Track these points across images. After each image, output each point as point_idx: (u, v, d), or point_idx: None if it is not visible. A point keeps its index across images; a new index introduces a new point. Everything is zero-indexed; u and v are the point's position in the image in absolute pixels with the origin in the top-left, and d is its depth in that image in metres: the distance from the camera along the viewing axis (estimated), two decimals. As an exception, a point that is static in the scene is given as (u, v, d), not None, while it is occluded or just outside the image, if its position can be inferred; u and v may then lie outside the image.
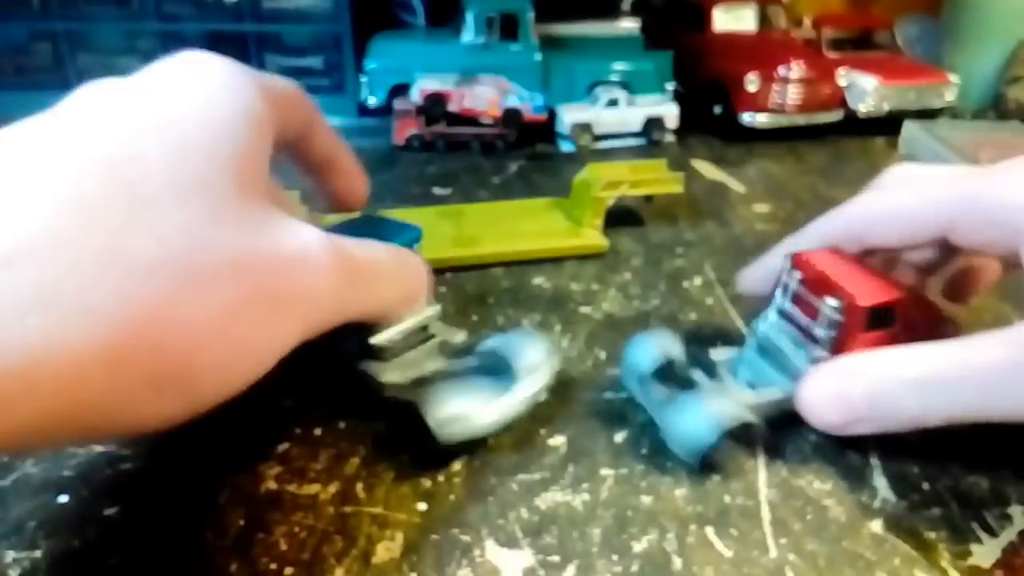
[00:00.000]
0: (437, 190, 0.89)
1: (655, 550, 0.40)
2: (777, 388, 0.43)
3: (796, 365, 0.43)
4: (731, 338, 0.59)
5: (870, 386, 0.38)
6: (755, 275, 0.54)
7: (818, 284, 0.42)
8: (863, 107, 1.09)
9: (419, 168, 0.95)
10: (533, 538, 0.41)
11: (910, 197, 0.42)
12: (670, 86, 1.06)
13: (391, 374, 0.47)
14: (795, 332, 0.44)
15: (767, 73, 1.05)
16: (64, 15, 1.07)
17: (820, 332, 0.41)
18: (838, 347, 0.41)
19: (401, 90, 1.01)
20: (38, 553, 0.37)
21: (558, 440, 0.47)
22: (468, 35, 1.02)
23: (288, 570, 0.38)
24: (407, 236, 0.52)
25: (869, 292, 0.40)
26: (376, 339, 0.46)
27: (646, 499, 0.43)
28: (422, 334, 0.50)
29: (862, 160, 1.03)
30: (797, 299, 0.43)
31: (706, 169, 0.98)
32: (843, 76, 1.09)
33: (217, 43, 1.10)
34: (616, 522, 0.42)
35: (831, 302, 0.40)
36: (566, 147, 1.02)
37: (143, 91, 0.34)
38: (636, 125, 1.04)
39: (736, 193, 0.91)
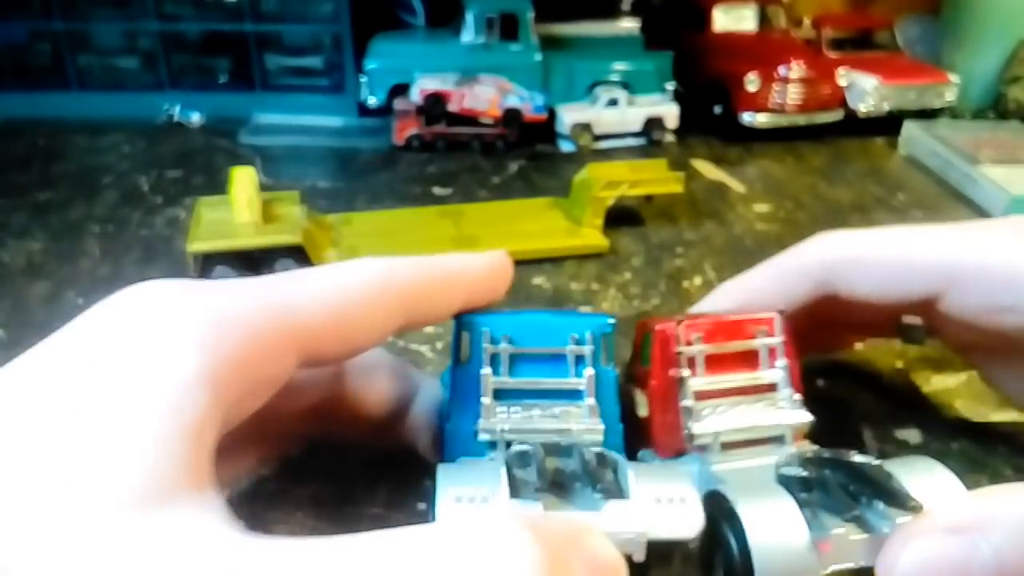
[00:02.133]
0: (437, 190, 0.89)
1: (655, 550, 0.40)
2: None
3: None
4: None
5: (1007, 543, 0.24)
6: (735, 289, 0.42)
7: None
8: (863, 107, 1.09)
9: (419, 168, 0.96)
10: (533, 538, 0.41)
11: (904, 240, 0.35)
12: (670, 86, 1.06)
13: None
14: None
15: (767, 73, 1.05)
16: (64, 15, 1.06)
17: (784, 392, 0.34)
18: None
19: (401, 90, 1.01)
20: None
21: (558, 440, 0.47)
22: (468, 35, 1.02)
23: (288, 570, 0.38)
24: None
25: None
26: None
27: (646, 499, 0.43)
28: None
29: (862, 160, 1.03)
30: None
31: (706, 169, 0.98)
32: (843, 76, 1.09)
33: (217, 43, 1.10)
34: (616, 522, 0.42)
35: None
36: (566, 147, 1.02)
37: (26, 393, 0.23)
38: (636, 125, 1.04)
39: (736, 193, 0.91)
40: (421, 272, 0.30)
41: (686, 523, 0.27)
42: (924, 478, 0.28)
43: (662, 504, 0.27)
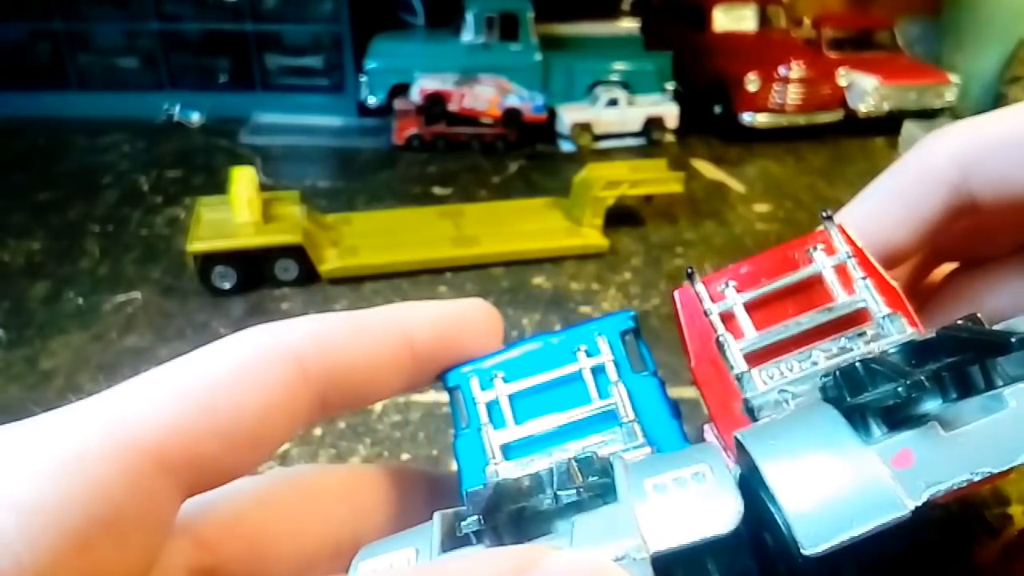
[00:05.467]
0: (437, 190, 0.89)
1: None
2: None
3: None
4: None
5: None
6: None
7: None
8: (863, 107, 1.09)
9: (419, 168, 0.96)
10: (533, 538, 0.41)
11: None
12: (670, 86, 1.06)
13: None
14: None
15: (767, 73, 1.05)
16: (64, 15, 1.06)
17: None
18: None
19: (401, 90, 1.01)
20: None
21: (558, 440, 0.47)
22: (468, 35, 1.02)
23: (288, 570, 0.38)
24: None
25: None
26: None
27: (646, 499, 0.43)
28: None
29: (862, 160, 1.03)
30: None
31: (706, 169, 0.98)
32: (843, 76, 1.09)
33: (217, 43, 1.10)
34: (616, 522, 0.42)
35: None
36: (566, 147, 1.02)
37: None
38: (636, 125, 1.04)
39: (736, 193, 0.91)
40: (328, 339, 0.22)
41: (710, 511, 0.17)
42: None
43: (668, 493, 0.18)
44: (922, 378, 0.17)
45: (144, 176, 0.90)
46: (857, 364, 0.19)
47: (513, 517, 0.19)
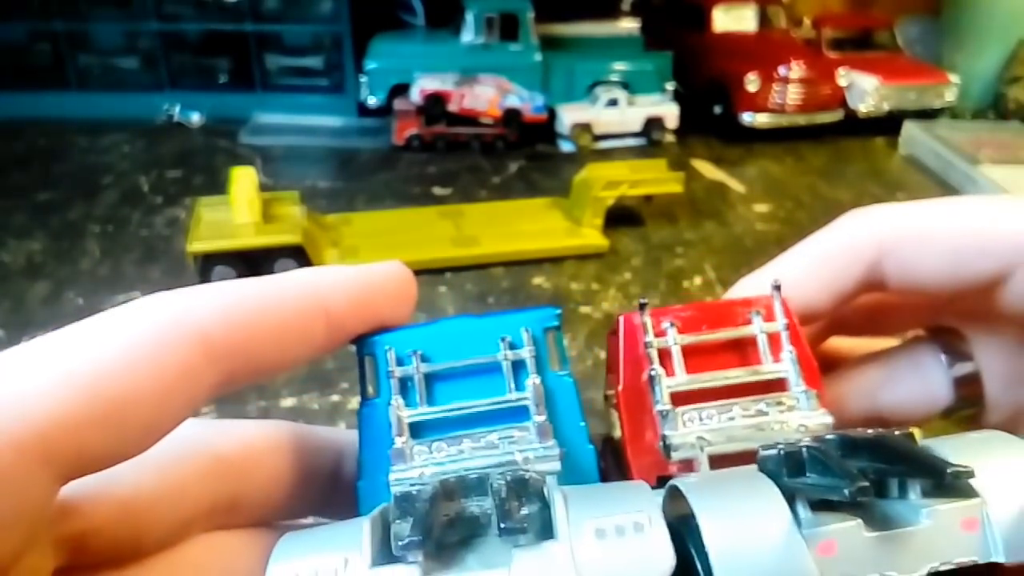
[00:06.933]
0: (437, 190, 0.89)
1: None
2: None
3: None
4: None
5: None
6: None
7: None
8: (863, 107, 1.09)
9: (419, 168, 0.96)
10: (533, 538, 0.41)
11: (970, 211, 0.27)
12: (670, 86, 1.06)
13: None
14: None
15: (767, 73, 1.05)
16: (64, 15, 1.06)
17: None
18: None
19: (401, 90, 1.01)
20: None
21: (558, 440, 0.47)
22: (468, 35, 1.02)
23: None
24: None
25: None
26: None
27: (646, 499, 0.43)
28: None
29: (862, 160, 1.03)
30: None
31: (706, 169, 0.98)
32: (843, 76, 1.09)
33: (217, 43, 1.10)
34: (616, 522, 0.42)
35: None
36: (566, 147, 1.02)
37: None
38: (636, 125, 1.03)
39: (736, 193, 0.91)
40: (237, 312, 0.20)
41: (645, 561, 0.18)
42: (991, 458, 0.19)
43: (607, 539, 0.19)
44: (868, 484, 0.18)
45: (144, 176, 0.90)
46: (803, 448, 0.21)
47: (445, 526, 0.19)
